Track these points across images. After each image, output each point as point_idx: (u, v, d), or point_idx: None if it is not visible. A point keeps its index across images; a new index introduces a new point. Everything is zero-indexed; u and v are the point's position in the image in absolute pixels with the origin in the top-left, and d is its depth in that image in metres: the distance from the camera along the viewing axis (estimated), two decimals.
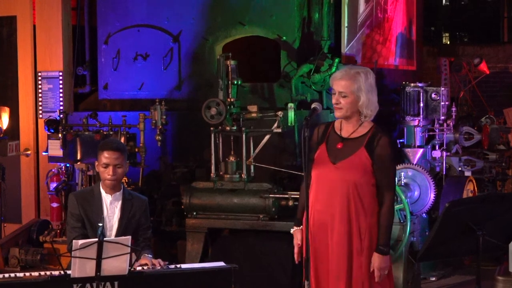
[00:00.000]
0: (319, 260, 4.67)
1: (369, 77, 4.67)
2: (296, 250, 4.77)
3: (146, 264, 4.76)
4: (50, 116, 8.80)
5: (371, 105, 4.67)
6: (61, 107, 8.95)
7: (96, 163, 5.16)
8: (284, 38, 8.31)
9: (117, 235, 5.03)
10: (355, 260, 4.61)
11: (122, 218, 5.11)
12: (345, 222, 4.59)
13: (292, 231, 4.84)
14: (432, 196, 7.35)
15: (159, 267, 4.73)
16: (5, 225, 8.46)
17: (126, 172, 5.25)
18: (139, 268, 4.66)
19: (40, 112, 9.21)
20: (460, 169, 8.47)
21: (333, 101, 4.68)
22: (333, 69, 7.87)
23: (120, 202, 5.13)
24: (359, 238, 4.60)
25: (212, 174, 7.22)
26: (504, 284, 5.29)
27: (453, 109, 8.47)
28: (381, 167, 4.59)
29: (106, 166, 5.05)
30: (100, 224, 4.39)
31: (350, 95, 4.62)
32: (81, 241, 4.30)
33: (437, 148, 8.32)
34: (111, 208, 5.12)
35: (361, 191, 4.59)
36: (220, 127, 7.23)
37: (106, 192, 5.13)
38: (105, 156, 5.05)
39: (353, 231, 4.59)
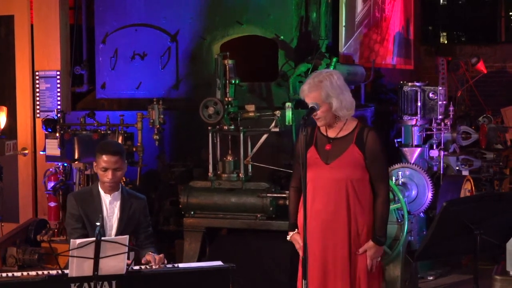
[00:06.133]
0: (321, 259, 4.69)
1: (334, 79, 4.66)
2: (301, 254, 4.77)
3: (150, 261, 4.75)
4: (47, 115, 8.79)
5: (345, 105, 4.68)
6: (59, 107, 8.94)
7: (95, 164, 5.14)
8: (282, 37, 8.32)
9: (117, 234, 5.03)
10: (353, 256, 4.68)
11: (121, 217, 5.11)
12: (345, 220, 4.65)
13: (289, 237, 4.85)
14: (429, 195, 7.36)
15: (161, 264, 4.72)
16: (2, 224, 8.45)
17: (125, 172, 5.24)
18: (136, 267, 4.66)
19: (38, 111, 9.21)
20: (457, 168, 8.48)
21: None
22: (331, 69, 7.87)
23: (119, 202, 5.13)
24: (357, 234, 4.67)
25: (209, 174, 7.22)
26: (502, 283, 5.28)
27: (451, 108, 8.48)
28: (373, 160, 4.66)
29: (105, 169, 5.04)
30: (98, 224, 4.38)
31: (322, 104, 4.65)
32: (78, 240, 4.29)
33: (434, 147, 8.32)
34: (111, 207, 5.12)
35: (357, 187, 4.66)
36: (217, 127, 7.23)
37: (105, 192, 5.12)
38: (104, 160, 5.02)
39: (352, 227, 4.66)
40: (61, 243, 8.05)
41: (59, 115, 8.35)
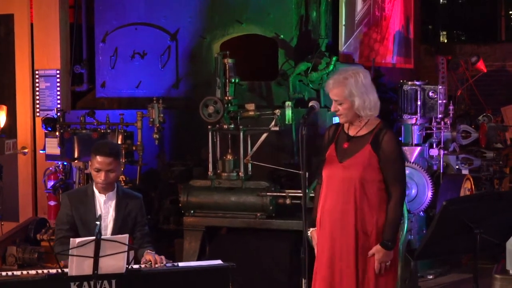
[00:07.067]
0: (329, 257, 4.68)
1: (360, 78, 4.63)
2: (316, 251, 4.80)
3: (150, 260, 4.74)
4: (47, 114, 8.79)
5: (368, 105, 4.63)
6: (59, 106, 8.94)
7: (90, 163, 5.12)
8: (282, 36, 8.31)
9: (112, 234, 4.99)
10: (361, 258, 4.63)
11: (116, 217, 5.08)
12: (352, 219, 4.62)
13: (309, 232, 4.82)
14: (429, 194, 7.36)
15: (161, 265, 4.71)
16: (2, 223, 8.45)
17: (120, 174, 5.19)
18: (136, 266, 4.66)
19: (38, 110, 9.20)
20: (457, 167, 8.48)
21: (332, 109, 4.71)
22: (331, 67, 7.87)
23: (114, 202, 5.09)
24: (365, 235, 4.63)
25: (209, 173, 7.22)
26: (502, 282, 5.28)
27: (451, 107, 8.48)
28: (387, 162, 4.61)
29: (98, 170, 5.00)
30: (97, 223, 4.38)
31: (344, 101, 4.63)
32: (78, 239, 4.29)
33: (434, 146, 8.32)
34: (105, 207, 5.07)
35: (367, 188, 4.61)
36: (217, 126, 7.23)
37: (99, 192, 5.09)
38: (98, 161, 4.98)
39: (359, 228, 4.62)
40: None
41: (59, 114, 8.35)
